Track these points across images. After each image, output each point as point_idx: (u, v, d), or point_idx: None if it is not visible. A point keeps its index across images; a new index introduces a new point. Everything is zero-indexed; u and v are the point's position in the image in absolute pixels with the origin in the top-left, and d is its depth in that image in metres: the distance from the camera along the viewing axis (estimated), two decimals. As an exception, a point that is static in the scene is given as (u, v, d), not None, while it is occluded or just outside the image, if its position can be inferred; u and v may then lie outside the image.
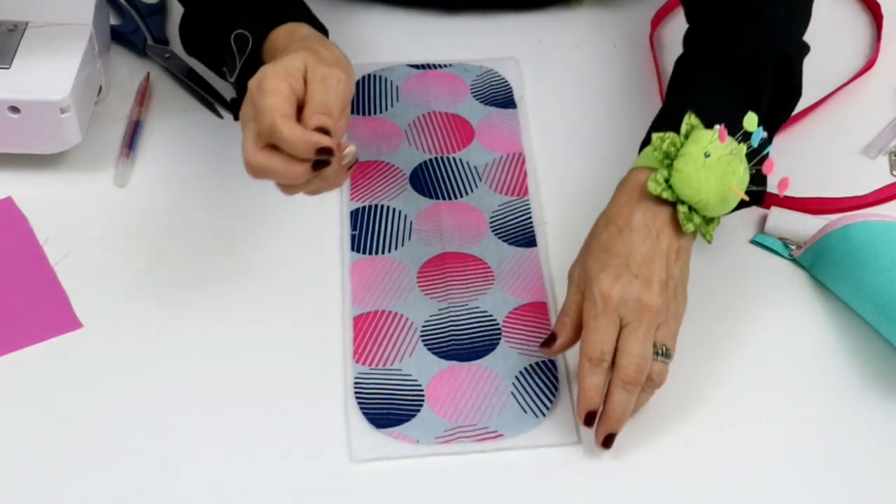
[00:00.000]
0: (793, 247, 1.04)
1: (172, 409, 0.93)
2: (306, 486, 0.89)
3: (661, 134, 0.92)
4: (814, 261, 1.01)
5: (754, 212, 1.06)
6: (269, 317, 0.99)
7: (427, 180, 1.09)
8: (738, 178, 0.91)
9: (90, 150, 1.10)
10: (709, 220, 0.93)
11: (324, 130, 0.86)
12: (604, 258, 0.89)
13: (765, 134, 0.89)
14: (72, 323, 0.98)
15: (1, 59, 1.06)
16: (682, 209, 0.91)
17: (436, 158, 1.10)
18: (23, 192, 1.07)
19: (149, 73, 1.18)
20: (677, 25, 1.20)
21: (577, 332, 0.91)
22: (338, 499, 0.88)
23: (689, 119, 0.92)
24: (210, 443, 0.91)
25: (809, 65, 1.07)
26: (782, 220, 1.05)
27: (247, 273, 1.02)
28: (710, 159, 0.89)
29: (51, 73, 1.05)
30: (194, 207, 1.07)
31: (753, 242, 1.05)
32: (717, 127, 0.90)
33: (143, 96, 1.15)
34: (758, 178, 0.93)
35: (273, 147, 0.86)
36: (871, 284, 0.95)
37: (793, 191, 1.07)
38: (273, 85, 0.86)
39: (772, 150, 0.89)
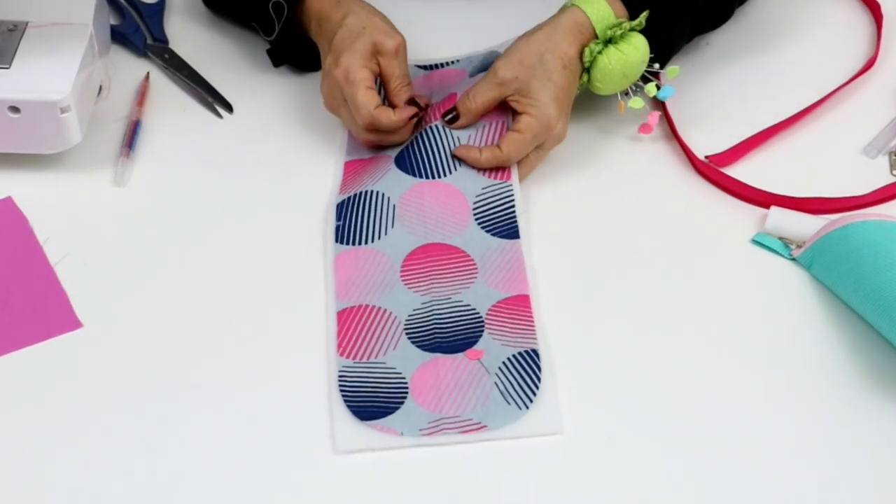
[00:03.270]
0: (793, 247, 1.04)
1: (172, 408, 0.93)
2: (291, 477, 0.89)
3: (620, 21, 1.04)
4: (814, 261, 1.01)
5: (754, 212, 1.06)
6: (263, 314, 0.99)
7: (411, 156, 1.07)
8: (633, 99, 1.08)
9: (90, 150, 1.10)
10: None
11: (411, 97, 1.05)
12: (553, 89, 1.04)
13: (671, 92, 1.10)
14: (72, 323, 0.98)
15: (1, 59, 1.06)
16: (584, 77, 1.07)
17: (421, 134, 1.08)
18: (23, 192, 1.07)
19: (148, 72, 1.18)
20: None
21: (476, 119, 1.07)
22: (322, 490, 0.88)
23: (643, 19, 1.05)
24: (206, 438, 0.91)
25: (810, 65, 1.07)
26: (782, 220, 1.04)
27: (245, 272, 1.02)
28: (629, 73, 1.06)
29: (51, 73, 1.05)
30: (193, 207, 1.07)
31: (753, 242, 1.04)
32: (656, 66, 1.07)
33: (143, 96, 1.15)
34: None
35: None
36: (870, 284, 0.95)
37: (793, 191, 1.07)
38: (359, 76, 1.02)
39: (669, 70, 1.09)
